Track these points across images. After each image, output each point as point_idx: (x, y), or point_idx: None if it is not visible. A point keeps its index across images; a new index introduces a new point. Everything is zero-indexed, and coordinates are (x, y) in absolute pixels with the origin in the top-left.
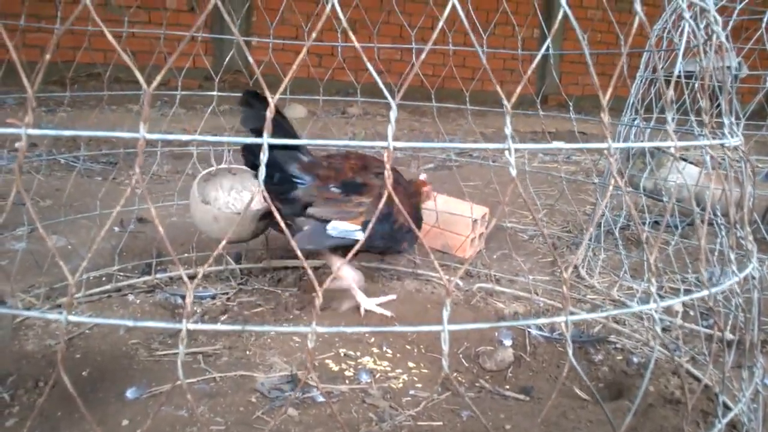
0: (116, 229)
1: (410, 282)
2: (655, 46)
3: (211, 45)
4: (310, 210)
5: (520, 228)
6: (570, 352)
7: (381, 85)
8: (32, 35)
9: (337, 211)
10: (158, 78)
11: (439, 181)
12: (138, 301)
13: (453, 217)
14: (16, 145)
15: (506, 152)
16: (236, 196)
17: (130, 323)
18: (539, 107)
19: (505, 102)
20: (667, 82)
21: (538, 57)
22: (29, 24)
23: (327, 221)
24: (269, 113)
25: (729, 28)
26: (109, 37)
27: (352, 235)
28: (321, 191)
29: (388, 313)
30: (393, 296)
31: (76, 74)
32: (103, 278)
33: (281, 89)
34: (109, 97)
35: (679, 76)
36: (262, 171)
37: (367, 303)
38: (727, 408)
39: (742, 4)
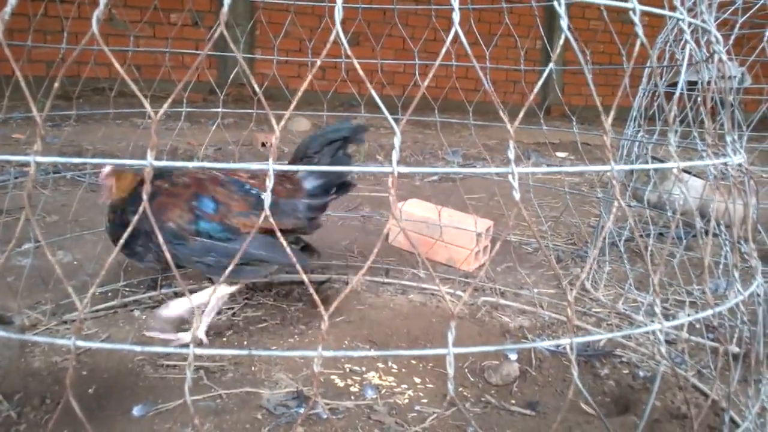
0: None
1: (415, 296)
2: (657, 59)
3: (215, 59)
4: None
5: (524, 241)
6: (575, 374)
7: (384, 110)
8: (37, 50)
9: None
10: (164, 106)
11: (444, 194)
12: (144, 317)
13: (457, 231)
14: (25, 167)
15: (509, 176)
16: None
17: (137, 348)
18: (542, 119)
19: (508, 126)
20: (669, 96)
21: (543, 78)
22: (36, 44)
23: None
24: (275, 139)
25: (731, 41)
26: (116, 64)
27: None
28: None
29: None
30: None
31: (80, 89)
32: (109, 294)
33: (287, 114)
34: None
35: (681, 92)
36: (268, 196)
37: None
38: (734, 423)
39: (744, 17)
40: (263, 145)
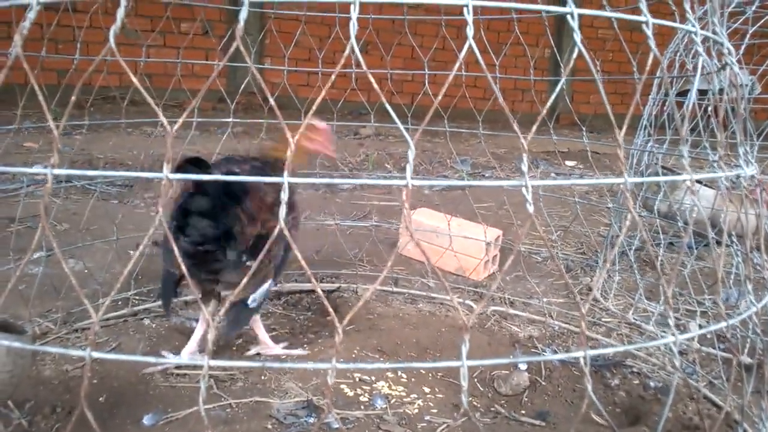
0: (131, 252)
1: (424, 305)
2: (667, 68)
3: (224, 67)
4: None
5: (534, 250)
6: (589, 387)
7: (396, 120)
8: (49, 59)
9: (254, 283)
10: (180, 120)
11: (452, 203)
12: (154, 325)
13: (466, 240)
14: (39, 176)
15: (523, 189)
16: None
17: (152, 360)
18: (551, 128)
19: (522, 141)
20: (679, 105)
21: (555, 94)
22: (50, 55)
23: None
24: (289, 152)
25: (742, 50)
26: (131, 74)
27: (266, 290)
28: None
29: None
30: (302, 352)
31: (92, 97)
32: (119, 302)
33: (302, 128)
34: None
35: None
36: (283, 209)
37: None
38: None
39: (755, 27)
40: None
